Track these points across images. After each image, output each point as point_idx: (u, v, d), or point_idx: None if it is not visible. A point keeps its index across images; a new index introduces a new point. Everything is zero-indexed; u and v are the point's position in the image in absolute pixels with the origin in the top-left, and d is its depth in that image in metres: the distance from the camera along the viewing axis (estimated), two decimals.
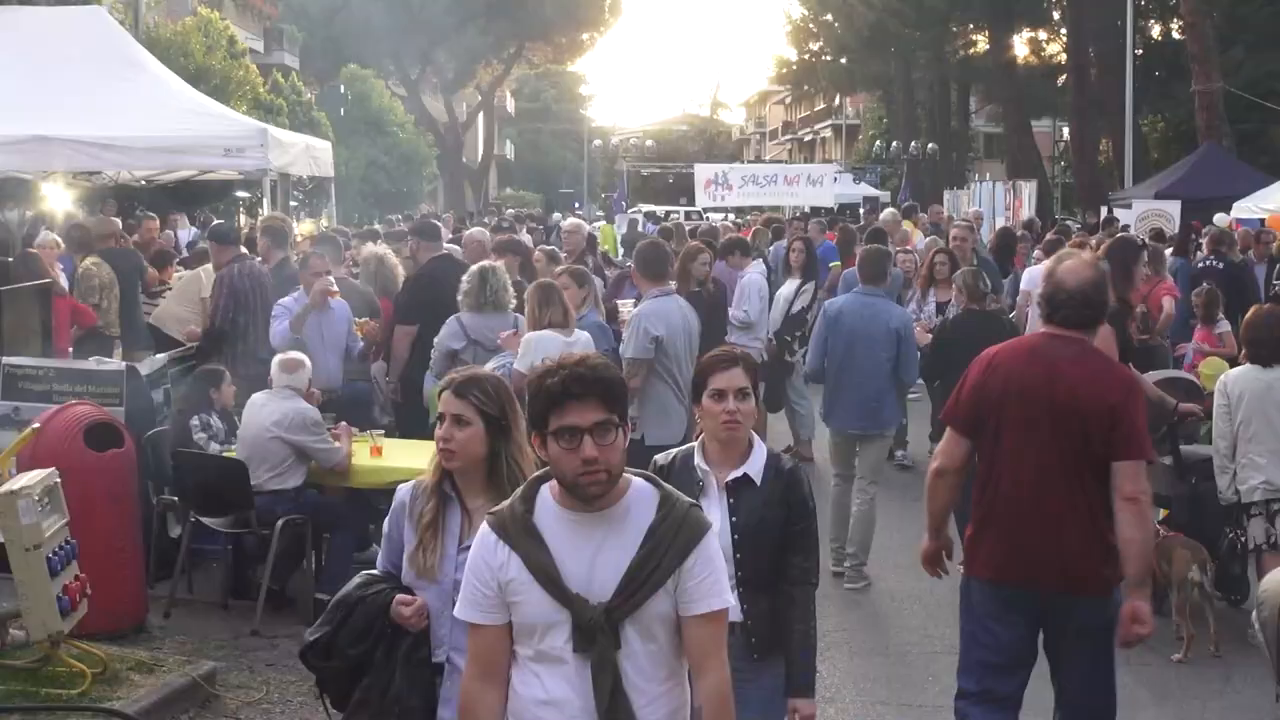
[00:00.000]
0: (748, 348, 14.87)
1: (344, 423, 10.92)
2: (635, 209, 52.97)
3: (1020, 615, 6.61)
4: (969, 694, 6.80)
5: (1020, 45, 58.78)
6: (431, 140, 66.56)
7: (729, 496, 5.80)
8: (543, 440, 4.36)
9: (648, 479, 4.55)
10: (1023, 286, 16.89)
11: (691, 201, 51.40)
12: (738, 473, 5.82)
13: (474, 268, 11.73)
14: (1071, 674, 6.67)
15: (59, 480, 8.35)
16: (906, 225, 25.79)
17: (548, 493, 4.46)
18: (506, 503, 4.51)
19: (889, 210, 29.52)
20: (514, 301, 11.15)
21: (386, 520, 5.63)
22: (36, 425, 9.11)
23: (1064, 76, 54.65)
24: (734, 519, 5.76)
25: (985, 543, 6.65)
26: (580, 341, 10.21)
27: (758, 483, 5.80)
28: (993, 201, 38.62)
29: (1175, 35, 48.61)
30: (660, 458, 5.97)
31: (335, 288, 12.24)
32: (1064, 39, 53.67)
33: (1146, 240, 19.87)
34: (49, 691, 7.88)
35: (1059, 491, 6.43)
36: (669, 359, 10.59)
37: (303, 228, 21.07)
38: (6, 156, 14.91)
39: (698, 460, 5.89)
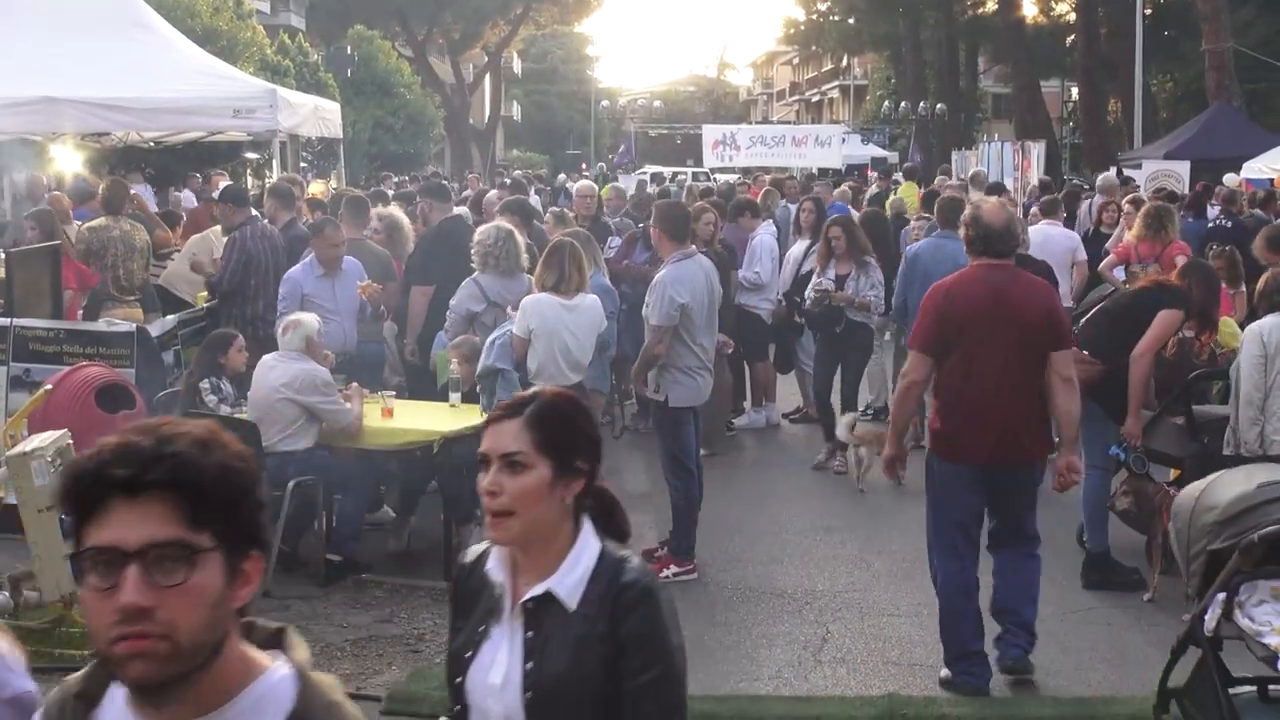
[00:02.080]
0: (757, 308, 14.97)
1: (355, 384, 10.92)
2: (642, 170, 52.85)
3: (977, 485, 8.33)
4: (937, 548, 8.56)
5: (1029, 5, 58.59)
6: (438, 102, 66.38)
7: (526, 626, 3.71)
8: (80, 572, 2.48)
9: (296, 665, 2.61)
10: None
11: (699, 163, 51.29)
12: (540, 589, 3.70)
13: (488, 227, 11.71)
14: (1009, 521, 8.51)
15: (71, 442, 8.36)
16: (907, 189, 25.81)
17: None
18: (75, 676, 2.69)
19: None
20: (529, 263, 11.13)
21: None
22: (48, 387, 9.14)
23: (1073, 36, 54.45)
24: (529, 664, 3.69)
25: (951, 431, 8.32)
26: (582, 306, 10.21)
27: (570, 606, 3.68)
28: (1001, 162, 38.48)
29: None
30: (467, 554, 3.96)
31: (371, 285, 12.19)
32: None
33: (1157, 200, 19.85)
34: (62, 652, 7.90)
35: (1017, 382, 8.15)
36: (691, 323, 10.56)
37: (313, 188, 21.01)
38: (15, 118, 14.90)
39: (491, 564, 3.81)
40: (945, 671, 8.54)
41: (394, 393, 11.50)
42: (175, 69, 16.09)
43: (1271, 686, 6.70)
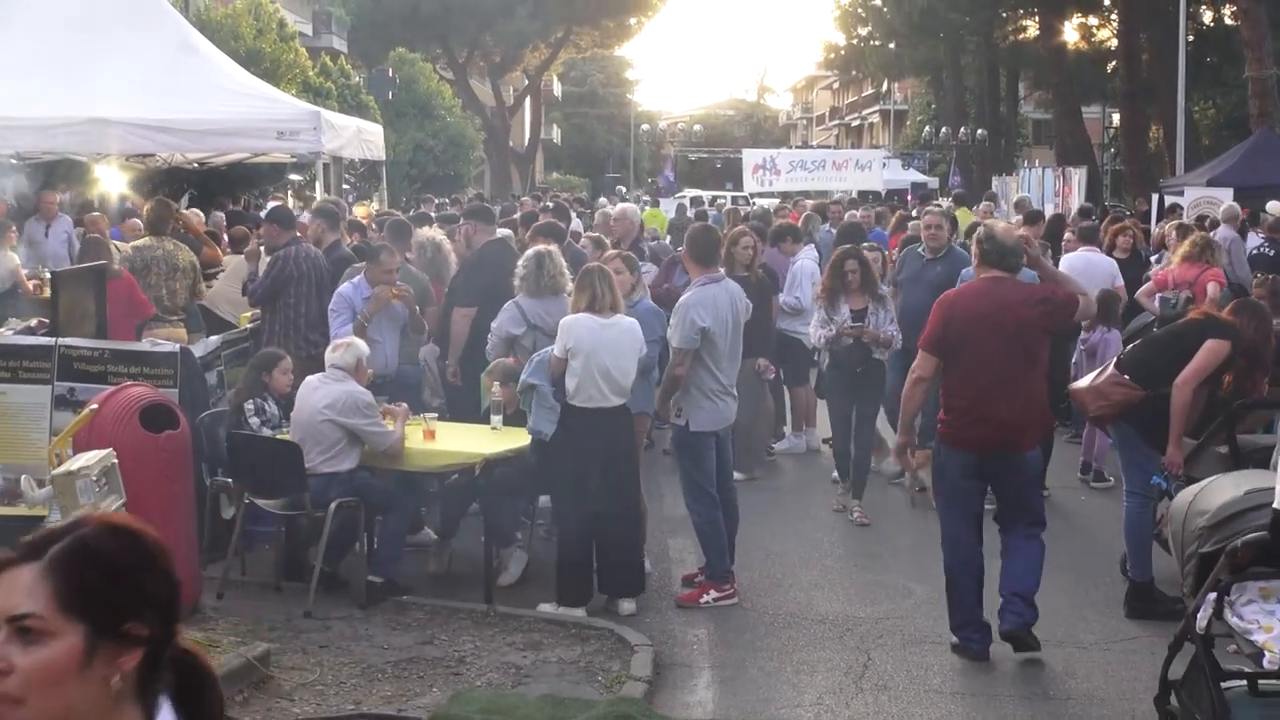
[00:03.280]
0: (798, 333, 14.94)
1: (404, 405, 10.94)
2: (681, 194, 52.93)
3: (980, 470, 9.36)
4: (944, 525, 9.55)
5: (1070, 30, 58.37)
6: (479, 124, 66.54)
7: None
8: None
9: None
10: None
11: (738, 186, 51.33)
12: None
13: (530, 252, 11.74)
14: (1012, 504, 9.50)
15: (116, 461, 8.39)
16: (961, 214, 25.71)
17: None
18: None
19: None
20: (570, 285, 11.14)
21: None
22: (94, 406, 9.16)
23: (1114, 62, 54.24)
24: None
25: (954, 422, 9.34)
26: (620, 326, 10.21)
27: None
28: (1042, 188, 38.43)
29: (1228, 21, 48.15)
30: None
31: (401, 288, 12.21)
32: (1115, 25, 53.22)
33: (1195, 225, 19.81)
34: None
35: (1019, 380, 9.23)
36: (713, 347, 10.55)
37: (357, 210, 21.11)
38: (62, 138, 15.01)
39: None
40: (953, 638, 9.53)
41: (436, 415, 11.51)
42: (220, 91, 16.17)
43: (1261, 681, 6.88)
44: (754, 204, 41.91)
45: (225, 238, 19.94)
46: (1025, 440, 9.42)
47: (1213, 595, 6.99)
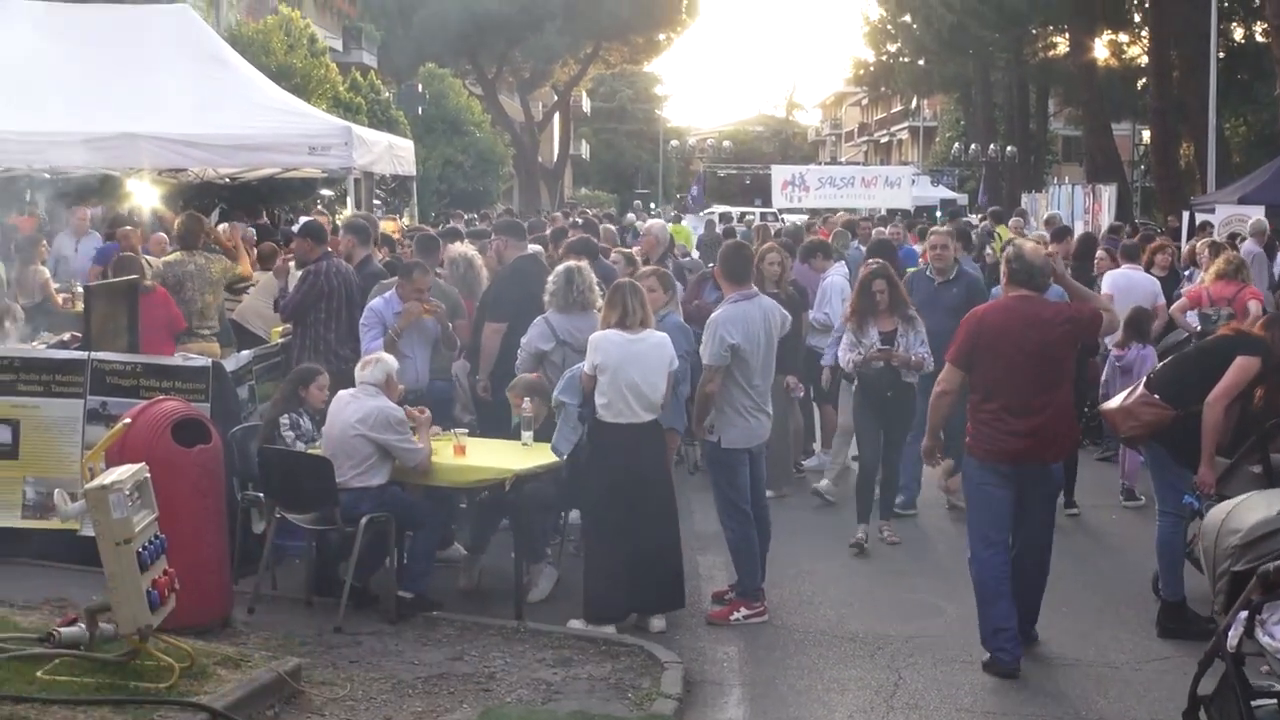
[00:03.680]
0: (828, 350, 14.91)
1: (427, 411, 10.92)
2: (709, 210, 52.90)
3: (1008, 481, 9.54)
4: (973, 537, 9.73)
5: (1100, 47, 58.25)
6: (508, 140, 66.67)
7: None
8: None
9: None
10: (1104, 289, 16.75)
11: (767, 202, 51.30)
12: None
13: (560, 268, 11.76)
14: (1035, 518, 9.75)
15: (149, 475, 8.41)
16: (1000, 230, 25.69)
17: None
18: None
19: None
20: (599, 301, 11.14)
21: None
22: (128, 420, 9.17)
23: (1144, 79, 54.12)
24: None
25: (981, 435, 9.58)
26: (649, 341, 10.20)
27: None
28: (1071, 205, 38.32)
29: (1259, 38, 48.02)
30: None
31: (432, 304, 12.23)
32: (1145, 41, 53.09)
33: (1227, 244, 19.77)
34: (137, 684, 7.91)
35: (1045, 395, 9.47)
36: (745, 365, 10.54)
37: (385, 226, 21.15)
38: (94, 153, 15.07)
39: None
40: (984, 654, 9.61)
41: (466, 430, 11.51)
42: (252, 105, 16.24)
43: None
44: (782, 220, 41.90)
45: (254, 252, 19.99)
46: (1051, 453, 9.71)
47: (1244, 614, 7.01)
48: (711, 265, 17.12)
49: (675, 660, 9.38)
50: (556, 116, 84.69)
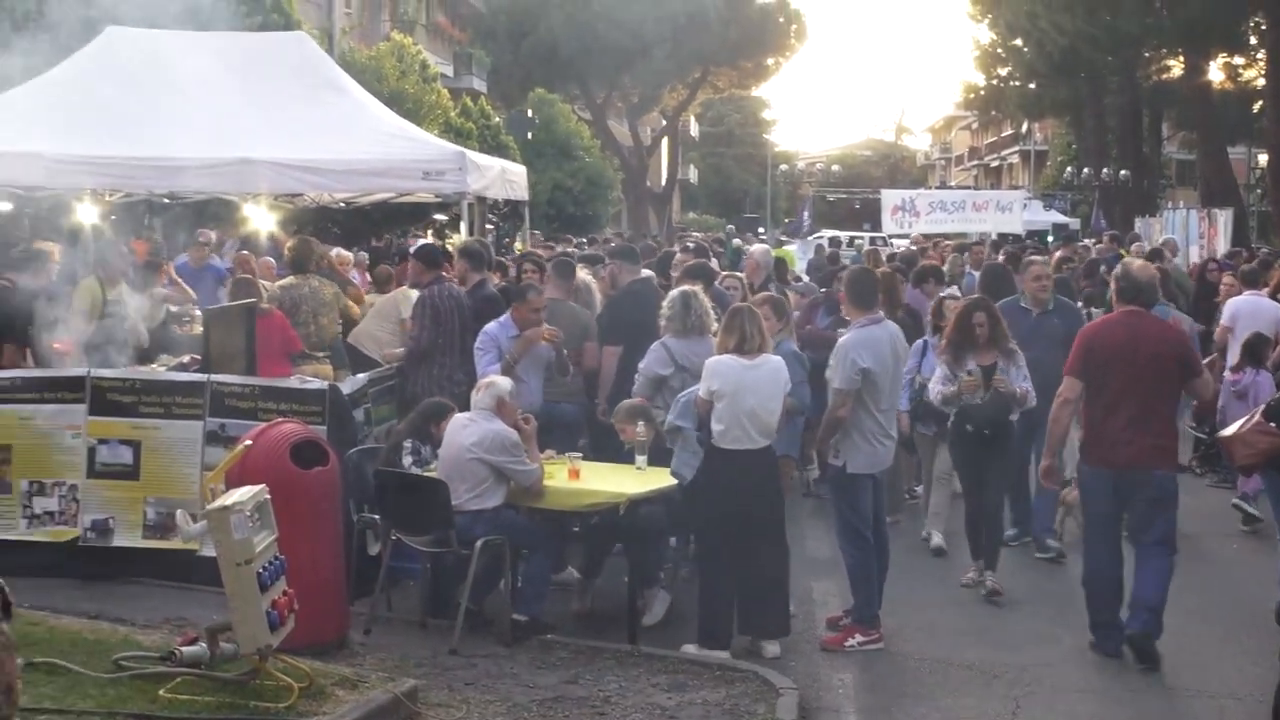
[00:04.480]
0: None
1: (532, 419, 10.93)
2: (818, 234, 52.74)
3: (1118, 487, 10.23)
4: (1085, 537, 10.75)
5: (1215, 70, 57.54)
6: (617, 164, 66.92)
7: None
8: None
9: None
10: (1223, 322, 16.53)
11: (876, 227, 51.01)
12: None
13: (675, 292, 11.77)
14: (1149, 526, 10.27)
15: (269, 497, 8.49)
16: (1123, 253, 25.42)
17: None
18: None
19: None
20: (715, 326, 11.13)
21: None
22: (249, 442, 9.26)
23: (1260, 102, 53.38)
24: None
25: (1093, 442, 10.33)
26: (766, 367, 10.18)
27: None
28: (1186, 230, 37.84)
29: None
30: None
31: (550, 329, 12.27)
32: (1261, 64, 52.37)
33: None
34: (257, 704, 7.99)
35: (1154, 407, 10.18)
36: (875, 389, 10.49)
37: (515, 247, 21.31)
38: (212, 179, 15.25)
39: None
40: (1090, 637, 10.48)
41: (580, 454, 11.52)
42: (367, 131, 16.36)
43: None
44: (891, 244, 41.68)
45: (366, 276, 20.16)
46: (1153, 460, 10.24)
47: None
48: (823, 290, 17.08)
49: (790, 686, 9.32)
50: (665, 141, 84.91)
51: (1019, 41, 64.38)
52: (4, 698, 2.69)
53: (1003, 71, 70.42)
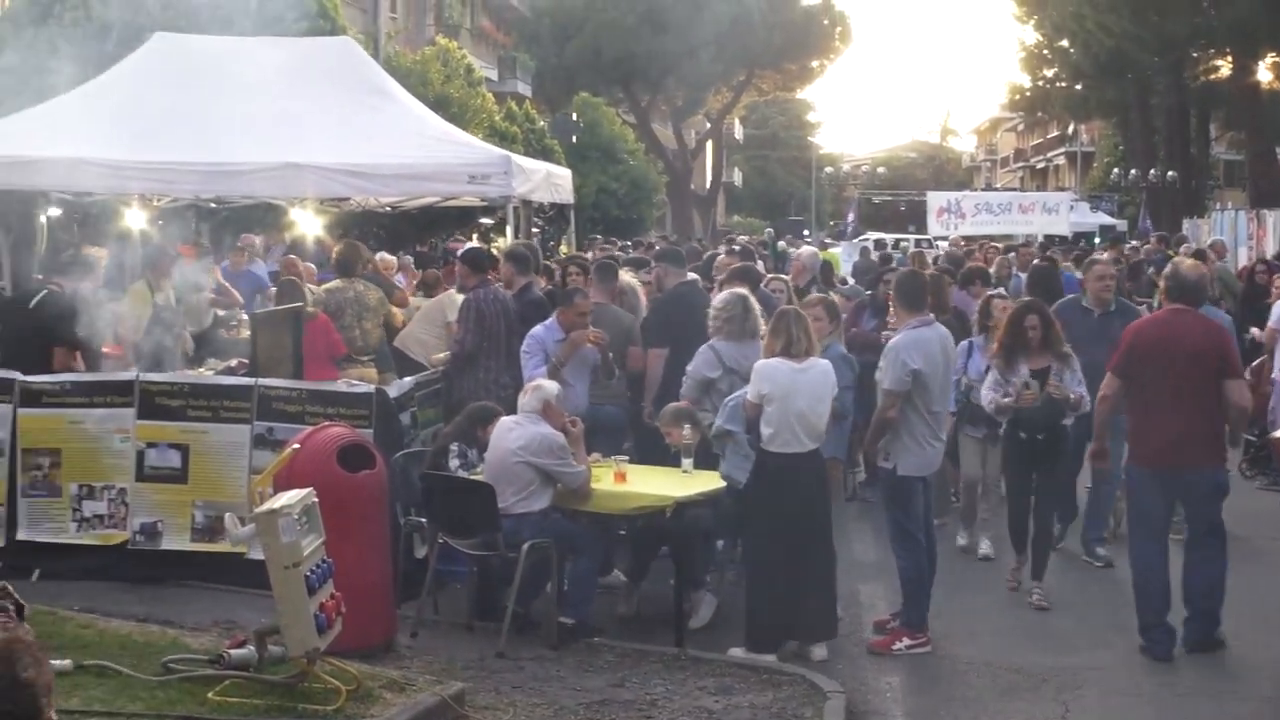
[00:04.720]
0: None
1: (579, 421, 10.95)
2: (863, 237, 52.62)
3: (1166, 486, 10.36)
4: (1132, 536, 10.71)
5: (1263, 70, 57.12)
6: (661, 167, 66.92)
7: None
8: None
9: None
10: (1271, 324, 16.44)
11: (921, 229, 50.90)
12: None
13: (731, 295, 11.75)
14: (1199, 519, 10.42)
15: (316, 500, 8.51)
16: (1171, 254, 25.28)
17: None
18: None
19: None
20: (763, 328, 11.11)
21: None
22: (296, 445, 9.29)
23: None
24: None
25: (1138, 439, 10.47)
26: (815, 370, 10.16)
27: None
28: (1235, 231, 37.61)
29: None
30: None
31: (596, 332, 12.27)
32: None
33: None
34: (305, 706, 8.01)
35: (1194, 404, 10.13)
36: (925, 391, 10.46)
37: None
38: (260, 183, 15.27)
39: None
40: (1140, 640, 10.39)
41: (627, 457, 11.51)
42: (412, 135, 16.35)
43: None
44: (938, 246, 41.61)
45: (411, 280, 20.19)
46: (1198, 456, 10.27)
47: None
48: (869, 293, 17.02)
49: (838, 690, 9.29)
50: (709, 144, 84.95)
51: (1065, 42, 64.12)
52: (46, 700, 2.72)
53: (1049, 73, 70.16)
